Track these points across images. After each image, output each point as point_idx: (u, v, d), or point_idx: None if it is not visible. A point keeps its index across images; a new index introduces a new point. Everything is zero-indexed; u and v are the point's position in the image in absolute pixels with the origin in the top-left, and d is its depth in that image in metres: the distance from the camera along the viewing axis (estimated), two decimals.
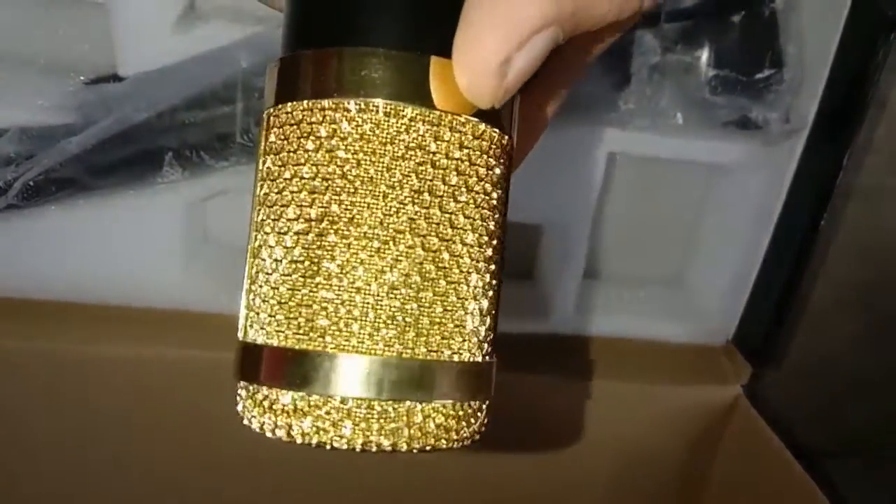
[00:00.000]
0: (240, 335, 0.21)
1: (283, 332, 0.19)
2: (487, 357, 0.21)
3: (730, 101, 0.48)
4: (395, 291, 0.19)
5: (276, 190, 0.20)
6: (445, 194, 0.19)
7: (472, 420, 0.21)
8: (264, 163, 0.21)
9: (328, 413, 0.19)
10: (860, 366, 0.69)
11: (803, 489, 0.48)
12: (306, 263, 0.19)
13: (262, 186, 0.21)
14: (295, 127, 0.19)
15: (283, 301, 0.19)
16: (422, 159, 0.19)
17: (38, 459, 0.53)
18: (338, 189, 0.19)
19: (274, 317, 0.19)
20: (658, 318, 0.58)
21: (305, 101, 0.19)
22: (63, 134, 0.44)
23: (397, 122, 0.19)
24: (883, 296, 0.65)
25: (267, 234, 0.20)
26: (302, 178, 0.19)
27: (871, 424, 0.72)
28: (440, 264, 0.19)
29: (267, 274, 0.20)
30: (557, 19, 0.18)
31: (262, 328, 0.20)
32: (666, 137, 0.50)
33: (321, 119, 0.19)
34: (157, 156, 0.46)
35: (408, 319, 0.19)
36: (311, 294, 0.19)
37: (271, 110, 0.20)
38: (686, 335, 0.58)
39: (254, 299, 0.20)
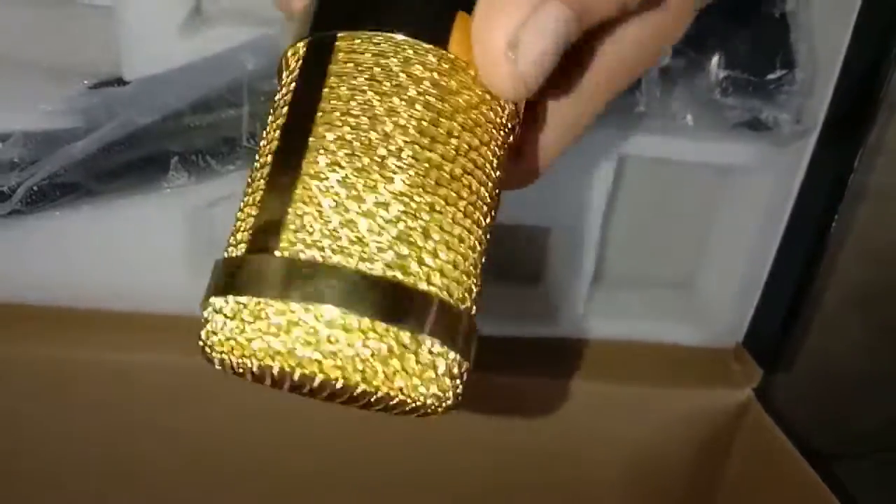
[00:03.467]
0: (226, 252, 0.21)
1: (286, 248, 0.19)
2: (474, 309, 0.21)
3: (741, 102, 0.48)
4: (398, 218, 0.19)
5: (291, 114, 0.21)
6: (453, 130, 0.20)
7: (455, 376, 0.20)
8: (285, 88, 0.22)
9: (315, 328, 0.18)
10: (871, 368, 0.68)
11: (814, 492, 0.48)
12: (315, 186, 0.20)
13: (274, 110, 0.22)
14: (317, 55, 0.21)
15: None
16: (431, 90, 0.20)
17: (40, 464, 0.53)
18: (358, 111, 0.20)
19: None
20: (668, 320, 0.57)
21: (335, 31, 0.21)
22: (67, 138, 0.44)
23: (414, 53, 0.20)
24: (894, 298, 0.65)
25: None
26: (319, 101, 0.20)
27: (883, 427, 0.72)
28: (444, 196, 0.20)
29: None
30: None
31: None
32: (676, 139, 0.49)
33: (348, 48, 0.20)
34: (163, 160, 0.46)
35: (405, 246, 0.19)
36: (317, 214, 0.19)
37: (300, 43, 0.22)
38: (696, 338, 0.58)
39: (245, 217, 0.21)
